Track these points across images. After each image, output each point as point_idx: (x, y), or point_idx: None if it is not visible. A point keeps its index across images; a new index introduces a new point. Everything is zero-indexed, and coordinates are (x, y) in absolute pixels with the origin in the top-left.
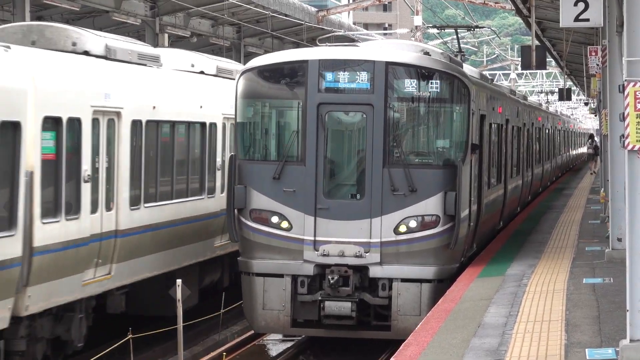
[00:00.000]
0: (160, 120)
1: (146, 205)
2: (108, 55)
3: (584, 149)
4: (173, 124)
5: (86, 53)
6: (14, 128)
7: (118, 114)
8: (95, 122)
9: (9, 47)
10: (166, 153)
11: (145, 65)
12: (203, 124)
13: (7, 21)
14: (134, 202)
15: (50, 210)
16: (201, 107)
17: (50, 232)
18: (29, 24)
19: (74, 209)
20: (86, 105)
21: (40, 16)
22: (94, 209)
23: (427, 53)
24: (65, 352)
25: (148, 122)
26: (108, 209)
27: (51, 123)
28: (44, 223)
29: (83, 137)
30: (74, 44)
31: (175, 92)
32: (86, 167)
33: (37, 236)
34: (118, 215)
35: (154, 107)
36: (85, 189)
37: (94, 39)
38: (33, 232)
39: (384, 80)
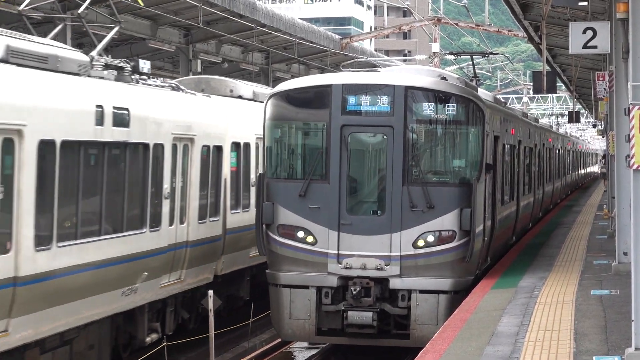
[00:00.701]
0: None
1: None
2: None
3: (592, 168)
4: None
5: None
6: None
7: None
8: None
9: (209, 96)
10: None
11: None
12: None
13: None
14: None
15: None
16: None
17: None
18: (199, 77)
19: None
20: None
21: (81, 43)
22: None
23: (444, 78)
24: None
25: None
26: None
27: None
28: None
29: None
30: (231, 91)
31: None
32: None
33: None
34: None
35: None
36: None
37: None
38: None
39: (404, 103)
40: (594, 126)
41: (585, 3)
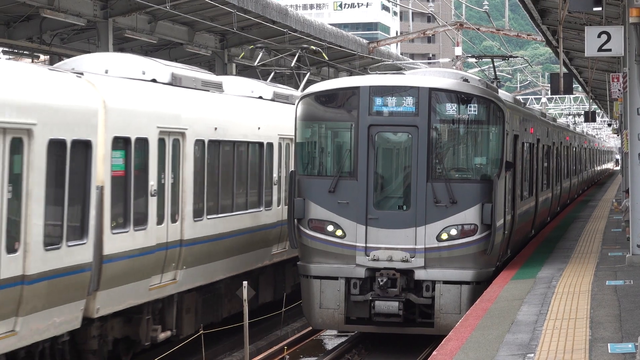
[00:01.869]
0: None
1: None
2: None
3: (607, 165)
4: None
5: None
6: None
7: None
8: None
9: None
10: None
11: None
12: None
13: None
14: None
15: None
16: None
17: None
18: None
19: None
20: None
21: (122, 48)
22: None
23: (466, 80)
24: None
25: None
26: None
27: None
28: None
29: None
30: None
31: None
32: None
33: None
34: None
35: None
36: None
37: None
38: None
39: (428, 104)
40: (609, 125)
41: (600, 8)
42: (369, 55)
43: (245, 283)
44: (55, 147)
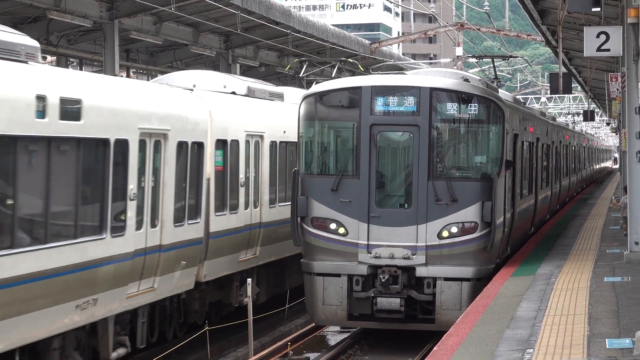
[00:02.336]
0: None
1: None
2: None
3: (606, 164)
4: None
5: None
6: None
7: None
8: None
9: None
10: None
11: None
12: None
13: (99, 53)
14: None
15: None
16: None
17: None
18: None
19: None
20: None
21: (128, 49)
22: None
23: (466, 80)
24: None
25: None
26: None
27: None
28: None
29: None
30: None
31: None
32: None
33: None
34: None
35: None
36: None
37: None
38: None
39: (429, 103)
40: (608, 124)
41: (599, 9)
42: (371, 55)
43: (249, 280)
44: (181, 147)
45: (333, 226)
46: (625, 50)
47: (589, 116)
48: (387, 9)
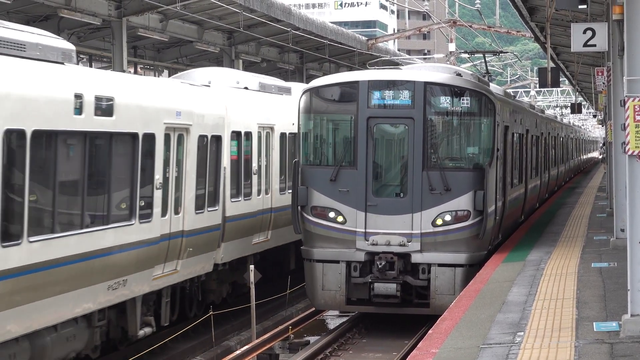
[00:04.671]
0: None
1: (288, 192)
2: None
3: (593, 154)
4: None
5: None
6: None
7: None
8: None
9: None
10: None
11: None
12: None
13: (108, 50)
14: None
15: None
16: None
17: None
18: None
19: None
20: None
21: (135, 46)
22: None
23: (459, 74)
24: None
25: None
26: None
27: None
28: None
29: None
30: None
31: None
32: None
33: None
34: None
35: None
36: None
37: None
38: None
39: (423, 97)
40: (594, 116)
41: (585, 6)
42: (367, 51)
43: (252, 267)
44: (201, 140)
45: (332, 215)
46: (611, 46)
47: (576, 109)
48: (383, 6)
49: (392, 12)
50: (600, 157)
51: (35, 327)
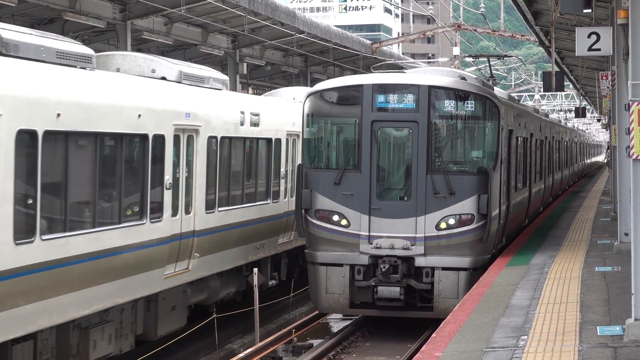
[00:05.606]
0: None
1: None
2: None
3: (597, 158)
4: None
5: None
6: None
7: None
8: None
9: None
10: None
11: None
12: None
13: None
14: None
15: None
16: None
17: None
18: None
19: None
20: None
21: (140, 49)
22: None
23: (463, 78)
24: None
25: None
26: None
27: None
28: None
29: None
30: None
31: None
32: None
33: None
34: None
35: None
36: None
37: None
38: None
39: (427, 101)
40: (599, 120)
41: (590, 10)
42: (372, 55)
43: (255, 270)
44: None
45: (336, 218)
46: (615, 50)
47: (580, 113)
48: (387, 10)
49: (397, 15)
50: (605, 160)
51: None
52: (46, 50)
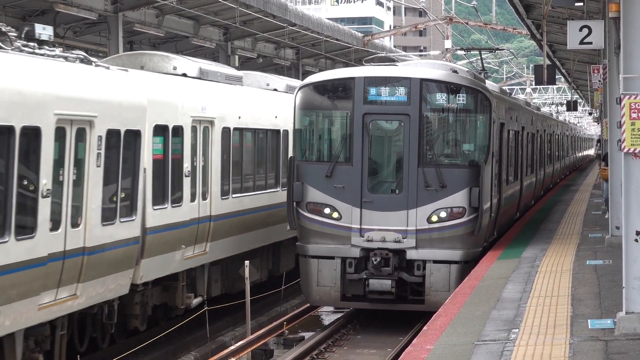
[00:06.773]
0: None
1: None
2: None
3: (588, 152)
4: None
5: None
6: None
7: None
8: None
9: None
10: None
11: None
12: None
13: (104, 45)
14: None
15: None
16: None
17: None
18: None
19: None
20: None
21: (132, 41)
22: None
23: (455, 71)
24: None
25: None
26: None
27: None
28: None
29: None
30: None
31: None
32: None
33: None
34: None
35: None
36: None
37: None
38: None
39: (419, 94)
40: (590, 114)
41: (582, 3)
42: (364, 48)
43: (247, 262)
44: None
45: (327, 211)
46: (607, 43)
47: (571, 106)
48: (379, 3)
49: (389, 8)
50: (595, 154)
51: None
52: (221, 75)
